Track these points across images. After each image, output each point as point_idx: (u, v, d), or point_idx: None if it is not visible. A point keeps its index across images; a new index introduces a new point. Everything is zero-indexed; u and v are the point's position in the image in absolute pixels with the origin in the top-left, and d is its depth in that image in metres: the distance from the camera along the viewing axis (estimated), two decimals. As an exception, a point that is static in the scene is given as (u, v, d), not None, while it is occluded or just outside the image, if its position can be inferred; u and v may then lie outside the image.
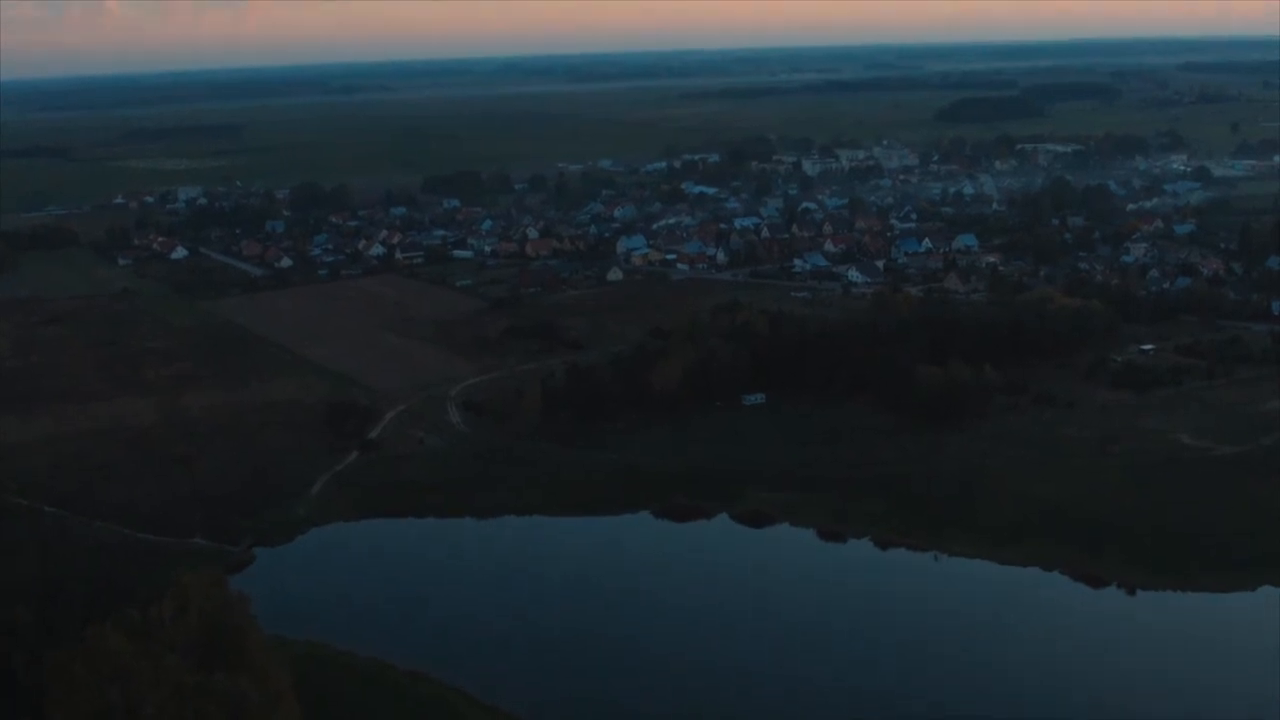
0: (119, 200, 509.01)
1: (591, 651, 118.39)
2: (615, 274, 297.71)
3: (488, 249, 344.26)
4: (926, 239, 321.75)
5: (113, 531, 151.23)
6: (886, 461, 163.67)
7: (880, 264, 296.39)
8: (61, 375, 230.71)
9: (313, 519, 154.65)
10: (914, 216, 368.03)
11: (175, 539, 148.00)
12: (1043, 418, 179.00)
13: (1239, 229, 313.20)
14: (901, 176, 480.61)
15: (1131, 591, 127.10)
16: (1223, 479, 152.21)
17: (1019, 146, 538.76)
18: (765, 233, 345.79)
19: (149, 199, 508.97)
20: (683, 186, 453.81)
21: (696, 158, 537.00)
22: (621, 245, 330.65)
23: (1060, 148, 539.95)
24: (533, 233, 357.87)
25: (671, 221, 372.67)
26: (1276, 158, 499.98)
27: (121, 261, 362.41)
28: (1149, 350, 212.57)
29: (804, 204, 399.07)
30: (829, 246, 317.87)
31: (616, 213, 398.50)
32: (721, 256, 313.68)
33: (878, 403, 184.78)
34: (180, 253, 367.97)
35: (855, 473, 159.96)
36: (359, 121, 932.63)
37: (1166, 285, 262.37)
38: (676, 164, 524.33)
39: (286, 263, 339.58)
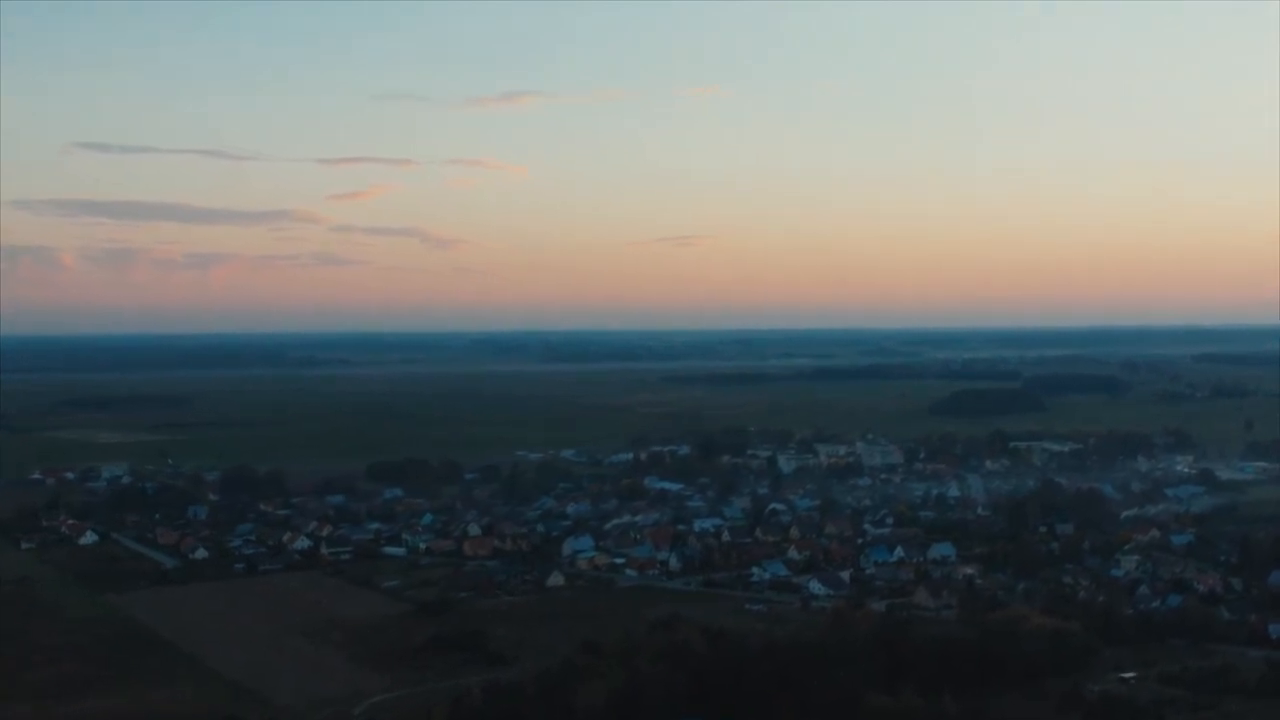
0: (35, 476, 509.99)
1: None
2: (556, 578, 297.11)
3: (423, 546, 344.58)
4: (899, 547, 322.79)
5: None
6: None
7: (846, 574, 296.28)
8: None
9: None
10: (889, 521, 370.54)
11: None
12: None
13: (1239, 540, 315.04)
14: (883, 476, 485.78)
15: None
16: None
17: (1012, 445, 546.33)
18: (726, 535, 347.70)
19: (69, 475, 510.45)
20: (645, 481, 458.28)
21: (665, 449, 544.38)
22: (567, 547, 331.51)
23: (1057, 446, 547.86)
24: (474, 529, 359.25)
25: (625, 521, 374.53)
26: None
27: (24, 545, 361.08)
28: (1129, 678, 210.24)
29: (773, 504, 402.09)
30: (793, 553, 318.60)
31: (569, 509, 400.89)
32: (674, 562, 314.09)
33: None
34: (90, 538, 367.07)
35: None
36: (314, 397, 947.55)
37: (1156, 603, 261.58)
38: (643, 456, 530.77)
39: (201, 554, 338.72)
